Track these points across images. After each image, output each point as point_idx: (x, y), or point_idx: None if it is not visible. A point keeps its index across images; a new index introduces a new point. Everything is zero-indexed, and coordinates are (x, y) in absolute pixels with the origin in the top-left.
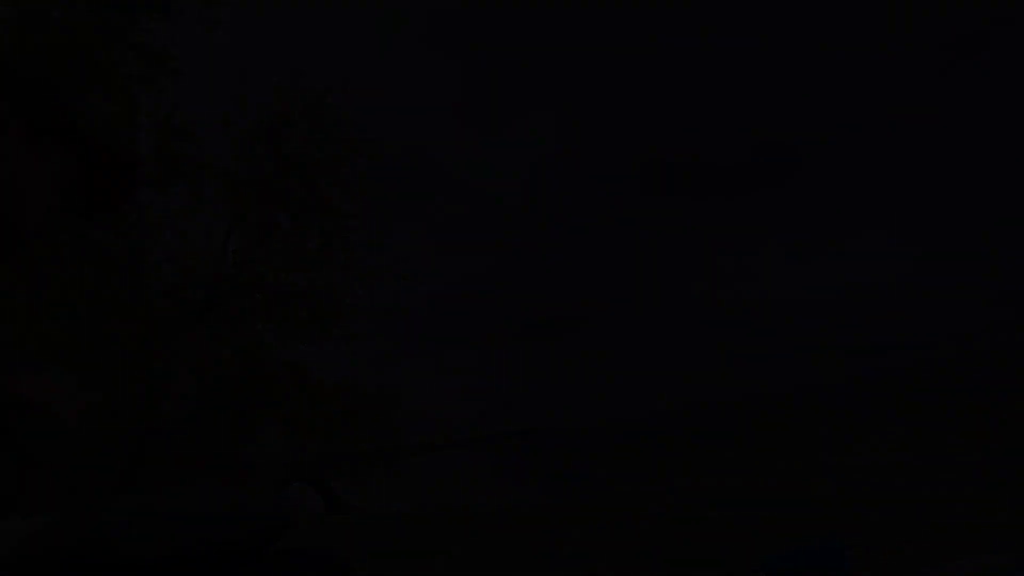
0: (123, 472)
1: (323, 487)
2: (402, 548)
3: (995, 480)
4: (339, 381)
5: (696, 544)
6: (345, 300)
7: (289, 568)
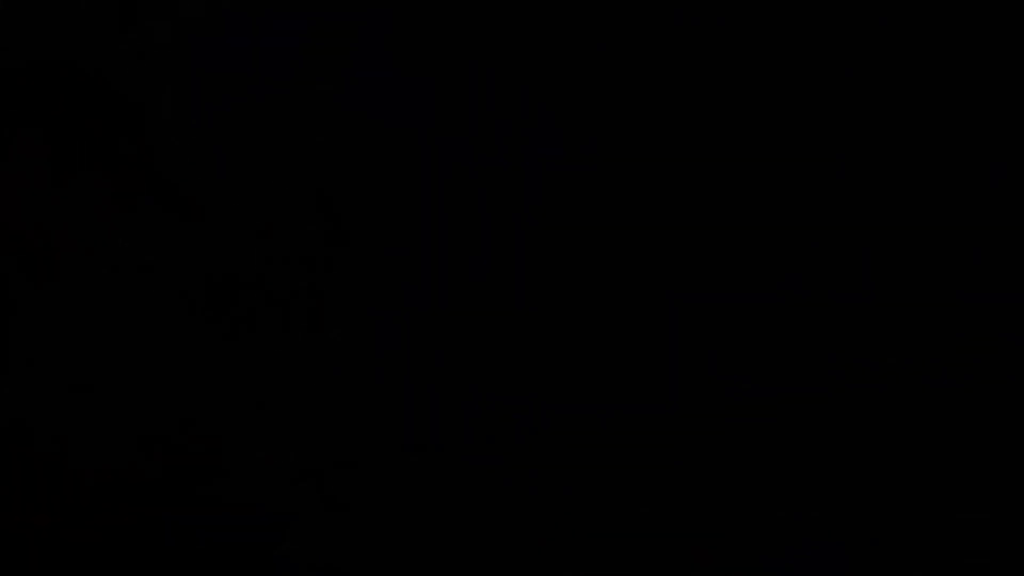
0: None
1: (322, 484)
2: (402, 548)
3: (995, 480)
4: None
5: (696, 544)
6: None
7: (289, 569)
